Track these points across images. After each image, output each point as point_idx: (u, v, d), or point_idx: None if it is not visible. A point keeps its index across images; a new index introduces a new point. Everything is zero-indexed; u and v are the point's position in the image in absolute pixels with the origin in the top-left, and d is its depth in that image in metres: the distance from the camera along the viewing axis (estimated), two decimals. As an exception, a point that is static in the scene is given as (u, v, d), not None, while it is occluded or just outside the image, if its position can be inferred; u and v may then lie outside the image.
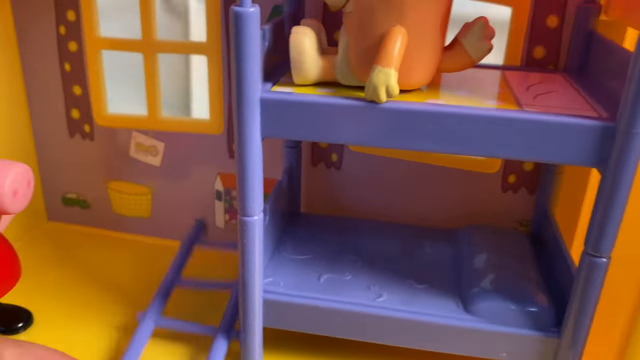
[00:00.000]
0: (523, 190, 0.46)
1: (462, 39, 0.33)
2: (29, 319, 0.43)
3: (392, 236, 0.46)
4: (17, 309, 0.43)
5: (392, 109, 0.31)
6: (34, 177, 0.39)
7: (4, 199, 0.36)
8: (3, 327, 0.42)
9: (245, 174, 0.33)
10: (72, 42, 0.49)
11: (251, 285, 0.36)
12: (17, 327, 0.42)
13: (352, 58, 0.33)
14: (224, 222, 0.53)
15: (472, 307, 0.37)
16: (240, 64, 0.31)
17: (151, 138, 0.51)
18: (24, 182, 0.38)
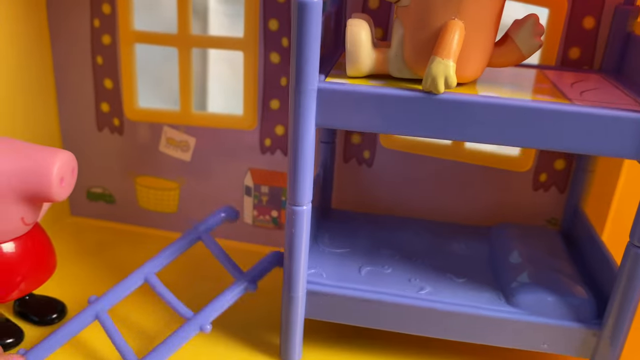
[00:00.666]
0: (554, 189, 0.46)
1: (513, 35, 0.34)
2: (62, 310, 0.43)
3: (425, 232, 0.46)
4: (51, 300, 0.43)
5: (450, 100, 0.31)
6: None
7: (52, 187, 0.36)
8: (37, 317, 0.42)
9: (298, 163, 0.34)
10: (106, 35, 0.49)
11: (296, 274, 0.37)
12: (52, 317, 0.42)
13: (407, 51, 0.33)
14: (252, 218, 0.53)
15: (514, 300, 0.37)
16: (300, 53, 0.31)
17: (182, 133, 0.51)
18: (69, 170, 0.37)
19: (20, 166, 0.35)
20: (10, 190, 0.35)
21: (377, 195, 0.49)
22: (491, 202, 0.48)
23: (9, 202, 0.36)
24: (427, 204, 0.49)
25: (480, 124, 0.32)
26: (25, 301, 0.42)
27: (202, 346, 0.41)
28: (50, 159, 0.36)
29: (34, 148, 0.37)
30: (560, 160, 0.46)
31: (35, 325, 0.42)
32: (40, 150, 0.36)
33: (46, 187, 0.36)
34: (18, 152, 0.36)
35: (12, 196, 0.36)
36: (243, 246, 0.54)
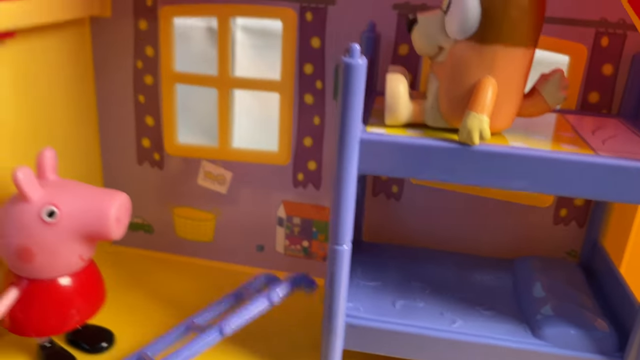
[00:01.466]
0: (573, 223, 0.49)
1: (540, 88, 0.37)
2: (111, 339, 0.45)
3: (451, 264, 0.49)
4: (100, 329, 0.46)
5: (484, 151, 0.34)
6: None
7: (110, 227, 0.39)
8: (88, 346, 0.44)
9: (340, 206, 0.36)
10: (148, 76, 0.52)
11: (336, 309, 0.39)
12: (102, 346, 0.45)
13: (442, 103, 0.36)
14: (283, 248, 0.55)
15: (540, 332, 0.40)
16: (346, 108, 0.34)
17: (220, 167, 0.53)
18: (124, 210, 0.40)
19: (81, 208, 0.38)
20: (71, 231, 0.38)
21: (405, 227, 0.52)
22: (514, 235, 0.50)
23: (69, 241, 0.39)
24: (453, 236, 0.51)
25: (512, 173, 0.34)
26: (77, 330, 0.45)
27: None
28: (109, 201, 0.39)
29: (94, 190, 0.40)
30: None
31: (87, 353, 0.44)
32: (99, 193, 0.40)
33: (105, 228, 0.39)
34: (79, 195, 0.39)
35: (72, 236, 0.39)
36: (274, 274, 0.56)
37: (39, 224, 0.37)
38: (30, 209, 0.37)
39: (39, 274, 0.40)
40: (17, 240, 0.38)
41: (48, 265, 0.39)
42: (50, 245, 0.38)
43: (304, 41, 0.48)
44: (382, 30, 0.46)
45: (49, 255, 0.38)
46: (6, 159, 0.43)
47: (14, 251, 0.38)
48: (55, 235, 0.38)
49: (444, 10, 0.35)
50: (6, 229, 0.38)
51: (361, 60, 0.33)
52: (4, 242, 0.38)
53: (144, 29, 0.51)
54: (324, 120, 0.50)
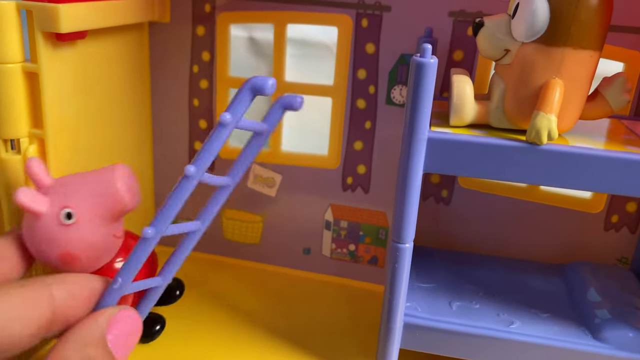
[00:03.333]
0: (625, 230, 0.49)
1: (603, 91, 0.38)
2: (163, 324, 0.47)
3: (502, 269, 0.49)
4: (152, 314, 0.47)
5: (551, 151, 0.35)
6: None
7: (123, 198, 0.38)
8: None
9: (405, 204, 0.37)
10: (204, 80, 0.53)
11: (395, 308, 0.40)
12: (156, 329, 0.46)
13: (508, 104, 0.37)
14: (330, 251, 0.56)
15: (599, 335, 0.40)
16: (415, 107, 0.35)
17: (270, 171, 0.54)
18: (130, 177, 0.40)
19: (91, 194, 0.38)
20: (94, 219, 0.38)
21: (454, 232, 0.52)
22: (563, 241, 0.50)
23: (97, 228, 0.39)
24: (502, 241, 0.51)
25: (579, 173, 0.35)
26: None
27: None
28: (108, 174, 0.39)
29: (91, 175, 0.40)
30: (632, 203, 0.48)
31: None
32: (98, 175, 0.39)
33: (120, 201, 0.38)
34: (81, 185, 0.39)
35: (97, 222, 0.39)
36: (320, 277, 0.57)
37: (63, 229, 0.38)
38: (49, 221, 0.38)
39: (92, 267, 0.40)
40: (55, 252, 0.38)
41: (94, 258, 0.40)
42: (85, 241, 0.38)
43: (358, 47, 0.49)
44: (437, 37, 0.47)
45: (90, 250, 0.39)
46: (65, 157, 0.44)
47: (58, 262, 0.39)
48: (83, 230, 0.38)
49: (511, 14, 0.36)
50: (40, 246, 0.38)
51: (432, 60, 0.34)
52: (45, 258, 0.39)
53: (201, 34, 0.52)
54: (375, 124, 0.51)
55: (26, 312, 0.29)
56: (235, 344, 0.46)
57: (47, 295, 0.31)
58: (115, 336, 0.31)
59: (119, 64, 0.50)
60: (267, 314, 0.50)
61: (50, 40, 0.40)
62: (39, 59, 0.40)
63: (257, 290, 0.54)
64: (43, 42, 0.40)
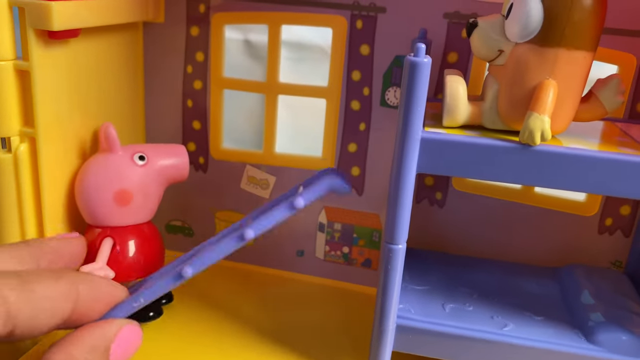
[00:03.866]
0: (619, 233, 0.49)
1: (597, 92, 0.37)
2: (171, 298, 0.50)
3: (496, 271, 0.49)
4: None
5: (545, 152, 0.34)
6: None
7: (187, 167, 0.46)
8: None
9: (398, 204, 0.37)
10: (198, 81, 0.53)
11: (388, 310, 0.39)
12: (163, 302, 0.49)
13: (501, 105, 0.37)
14: (323, 253, 0.56)
15: (593, 338, 0.40)
16: (409, 106, 0.34)
17: (263, 172, 0.54)
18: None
19: (161, 152, 0.46)
20: (159, 173, 0.45)
21: (448, 234, 0.52)
22: (557, 244, 0.50)
23: (157, 182, 0.46)
24: (496, 244, 0.51)
25: (573, 174, 0.34)
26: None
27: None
28: (180, 147, 0.47)
29: (165, 146, 0.47)
30: (626, 206, 0.48)
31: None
32: (164, 144, 0.47)
33: (183, 167, 0.47)
34: (151, 145, 0.47)
35: (159, 177, 0.46)
36: (313, 280, 0.56)
37: (134, 167, 0.44)
38: (124, 156, 0.44)
39: (131, 218, 0.45)
40: (118, 185, 0.43)
41: (141, 207, 0.45)
42: (144, 186, 0.44)
43: (353, 48, 0.49)
44: (431, 38, 0.47)
45: (143, 196, 0.44)
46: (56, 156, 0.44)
47: (113, 196, 0.43)
48: (148, 176, 0.44)
49: (505, 14, 0.36)
50: (105, 177, 0.44)
51: (426, 59, 0.34)
52: (104, 189, 0.43)
53: (195, 35, 0.52)
54: (369, 126, 0.51)
55: (54, 305, 0.30)
56: (227, 346, 0.46)
57: (74, 292, 0.31)
58: (117, 347, 0.32)
59: (113, 63, 0.50)
60: (259, 316, 0.50)
61: (43, 38, 0.40)
62: (31, 57, 0.39)
63: (250, 293, 0.54)
64: (35, 39, 0.39)
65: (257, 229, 0.38)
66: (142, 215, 0.45)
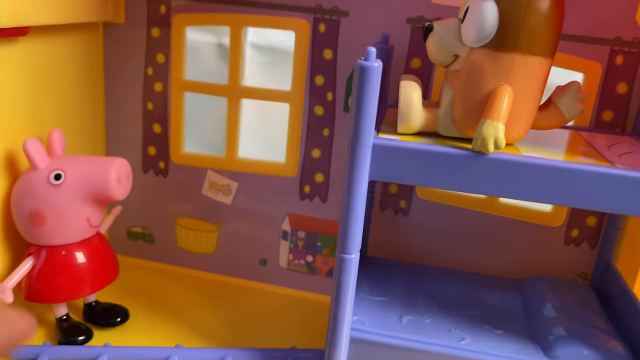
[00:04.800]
0: (585, 244, 0.48)
1: (556, 100, 0.36)
2: (126, 315, 0.47)
3: (458, 283, 0.47)
4: (115, 306, 0.48)
5: (498, 160, 0.33)
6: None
7: (111, 185, 0.42)
8: (104, 321, 0.46)
9: (350, 213, 0.35)
10: (158, 83, 0.52)
11: (341, 321, 0.38)
12: (117, 320, 0.47)
13: (456, 112, 0.36)
14: (287, 262, 0.54)
15: (552, 353, 0.38)
16: (359, 111, 0.33)
17: (225, 177, 0.53)
18: (124, 173, 0.43)
19: (85, 171, 0.42)
20: (77, 192, 0.42)
21: (412, 243, 0.51)
22: (523, 255, 0.49)
23: (76, 202, 0.42)
24: (460, 254, 0.50)
25: (528, 183, 0.33)
26: (92, 307, 0.47)
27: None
28: (109, 163, 0.42)
29: (96, 158, 0.44)
30: (592, 217, 0.47)
31: (102, 327, 0.46)
32: (100, 159, 0.43)
33: (106, 186, 0.42)
34: (83, 162, 0.43)
35: (78, 197, 0.42)
36: (276, 289, 0.55)
37: (47, 187, 0.41)
38: (39, 175, 0.41)
39: (52, 239, 0.42)
40: (28, 205, 0.41)
41: (59, 229, 0.42)
42: (59, 207, 0.41)
43: (316, 52, 0.48)
44: (395, 44, 0.46)
45: (59, 218, 0.41)
46: (13, 160, 0.42)
47: (26, 216, 0.41)
48: (63, 196, 0.41)
49: (461, 18, 0.35)
50: (19, 196, 0.41)
51: (377, 63, 0.32)
52: (18, 208, 0.41)
53: (156, 36, 0.51)
54: (333, 132, 0.50)
55: None
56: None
57: None
58: None
59: (71, 64, 0.49)
60: (220, 326, 0.48)
61: (-14, 36, 0.39)
62: (-27, 55, 0.38)
63: (211, 302, 0.52)
64: (-23, 37, 0.38)
65: None
66: (67, 236, 0.42)
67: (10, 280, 0.41)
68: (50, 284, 0.42)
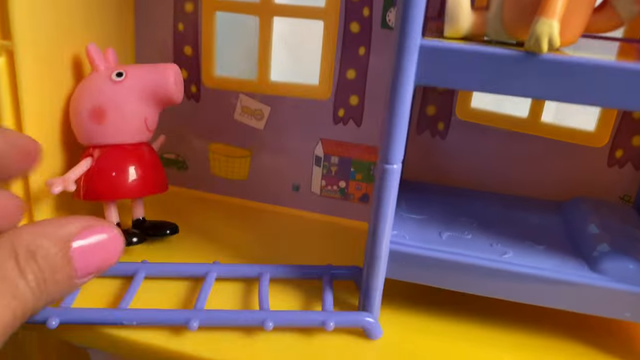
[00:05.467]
0: (629, 165, 0.46)
1: (613, 1, 0.34)
2: (175, 229, 0.48)
3: (498, 204, 0.46)
4: (164, 222, 0.48)
5: (553, 60, 0.32)
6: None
7: (169, 86, 0.43)
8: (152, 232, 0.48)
9: (394, 120, 0.34)
10: (189, 3, 0.50)
11: (381, 233, 0.37)
12: (166, 233, 0.48)
13: (507, 13, 0.34)
14: (319, 188, 0.54)
15: (598, 267, 0.38)
16: (407, 11, 0.32)
17: (258, 102, 0.52)
18: (179, 79, 0.45)
19: (144, 71, 0.44)
20: (137, 89, 0.43)
21: (450, 167, 0.50)
22: (564, 176, 0.48)
23: (136, 100, 0.43)
24: (500, 177, 0.49)
25: (582, 85, 0.32)
26: (140, 223, 0.48)
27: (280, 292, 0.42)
28: (166, 66, 0.44)
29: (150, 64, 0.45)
30: (639, 137, 0.45)
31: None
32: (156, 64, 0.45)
33: (165, 87, 0.43)
34: (139, 65, 0.45)
35: (138, 95, 0.43)
36: (309, 215, 0.55)
37: (109, 84, 0.43)
38: (101, 74, 0.43)
39: (110, 136, 0.43)
40: (91, 102, 0.43)
41: (118, 126, 0.43)
42: (120, 102, 0.43)
43: (352, -35, 0.46)
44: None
45: (119, 113, 0.43)
46: (37, 71, 0.42)
47: (87, 114, 0.43)
48: (123, 92, 0.43)
49: None
50: (81, 95, 0.43)
51: (426, -44, 0.31)
52: (79, 108, 0.43)
53: (186, -47, 0.49)
54: (370, 50, 0.48)
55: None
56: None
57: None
58: (83, 248, 0.28)
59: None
60: (256, 247, 0.48)
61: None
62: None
63: (245, 226, 0.52)
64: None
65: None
66: (125, 134, 0.44)
67: (72, 173, 0.42)
68: (106, 181, 0.43)
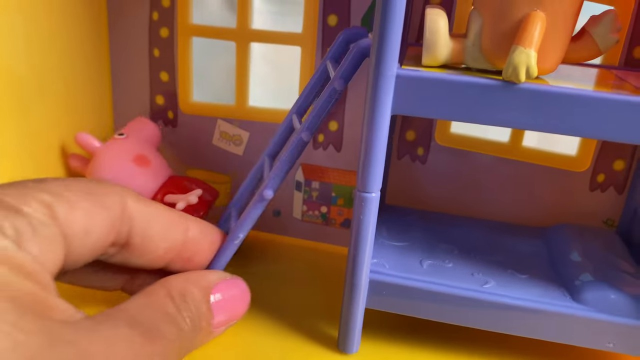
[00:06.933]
0: (611, 190, 0.46)
1: (590, 30, 0.34)
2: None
3: (480, 230, 0.46)
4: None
5: (531, 90, 0.31)
6: None
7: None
8: None
9: (371, 150, 0.34)
10: (164, 28, 0.50)
11: (361, 262, 0.36)
12: None
13: (485, 41, 0.33)
14: (301, 214, 0.53)
15: (580, 297, 0.37)
16: (382, 38, 0.31)
17: (236, 127, 0.51)
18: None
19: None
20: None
21: (430, 192, 0.49)
22: (546, 202, 0.48)
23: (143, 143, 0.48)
24: (481, 202, 0.48)
25: (560, 115, 0.31)
26: None
27: (257, 335, 0.41)
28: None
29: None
30: (620, 161, 0.45)
31: None
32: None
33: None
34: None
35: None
36: (291, 241, 0.54)
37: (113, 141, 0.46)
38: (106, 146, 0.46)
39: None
40: (135, 151, 0.46)
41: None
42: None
43: (329, -10, 0.46)
44: (413, -22, 0.44)
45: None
46: (12, 107, 0.41)
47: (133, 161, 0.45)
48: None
49: (490, -61, 0.33)
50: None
51: (402, -15, 0.30)
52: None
53: (162, -23, 0.48)
54: (348, 76, 0.47)
55: (166, 231, 0.31)
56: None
57: (184, 225, 0.32)
58: (220, 299, 0.30)
59: (74, 9, 0.46)
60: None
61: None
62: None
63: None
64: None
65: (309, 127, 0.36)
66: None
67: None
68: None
